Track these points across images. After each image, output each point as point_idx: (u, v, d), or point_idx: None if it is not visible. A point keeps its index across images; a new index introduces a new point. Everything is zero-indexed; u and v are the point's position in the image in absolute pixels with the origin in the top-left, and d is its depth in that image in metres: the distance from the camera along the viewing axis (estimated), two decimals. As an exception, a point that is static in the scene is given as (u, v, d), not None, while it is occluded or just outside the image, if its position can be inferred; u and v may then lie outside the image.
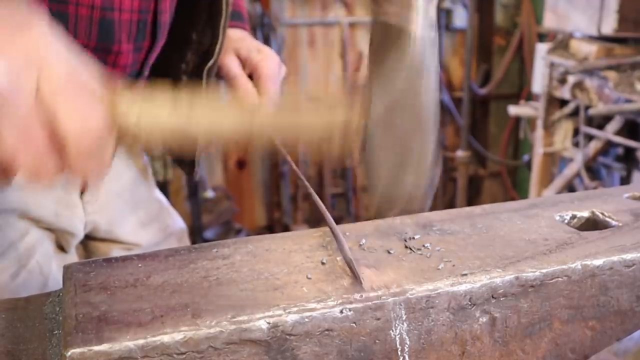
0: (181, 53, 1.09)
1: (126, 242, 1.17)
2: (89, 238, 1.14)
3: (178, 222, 1.29)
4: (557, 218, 0.86)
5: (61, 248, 1.09)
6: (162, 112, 0.63)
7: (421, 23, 0.65)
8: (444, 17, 4.41)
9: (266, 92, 1.09)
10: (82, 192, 1.07)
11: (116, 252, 1.15)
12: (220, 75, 1.12)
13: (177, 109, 0.63)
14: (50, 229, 1.05)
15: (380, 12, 0.68)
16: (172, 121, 0.63)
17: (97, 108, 0.59)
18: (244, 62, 1.11)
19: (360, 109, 0.66)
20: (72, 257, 1.10)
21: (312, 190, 0.92)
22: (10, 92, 0.56)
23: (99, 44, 0.92)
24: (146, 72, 1.05)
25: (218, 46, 1.06)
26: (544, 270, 0.72)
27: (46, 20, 0.62)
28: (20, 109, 0.56)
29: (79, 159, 0.59)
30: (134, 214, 1.19)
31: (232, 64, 1.10)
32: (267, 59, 1.11)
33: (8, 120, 0.56)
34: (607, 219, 0.86)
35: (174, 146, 0.64)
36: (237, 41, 1.15)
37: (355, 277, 0.69)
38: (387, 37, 0.67)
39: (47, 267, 1.04)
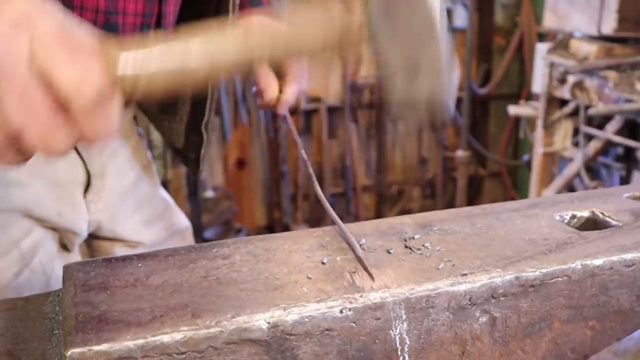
0: None
1: (130, 241, 1.17)
2: (92, 237, 1.14)
3: (183, 221, 1.29)
4: (557, 218, 0.86)
5: (65, 247, 1.09)
6: (158, 54, 0.61)
7: None
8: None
9: (289, 78, 1.07)
10: (85, 191, 1.07)
11: (120, 250, 1.15)
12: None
13: (173, 48, 0.61)
14: (53, 228, 1.05)
15: None
16: (170, 60, 0.61)
17: (93, 62, 0.57)
18: None
19: (359, 6, 0.61)
20: (76, 256, 1.10)
21: (319, 190, 0.91)
22: (4, 61, 0.54)
23: None
24: None
25: None
26: (544, 270, 0.72)
27: None
28: (18, 76, 0.54)
29: (85, 117, 0.56)
30: (138, 212, 1.18)
31: None
32: None
33: (7, 90, 0.54)
34: (607, 219, 0.86)
35: (176, 89, 0.62)
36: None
37: (368, 274, 0.70)
38: None
39: (50, 266, 1.04)
